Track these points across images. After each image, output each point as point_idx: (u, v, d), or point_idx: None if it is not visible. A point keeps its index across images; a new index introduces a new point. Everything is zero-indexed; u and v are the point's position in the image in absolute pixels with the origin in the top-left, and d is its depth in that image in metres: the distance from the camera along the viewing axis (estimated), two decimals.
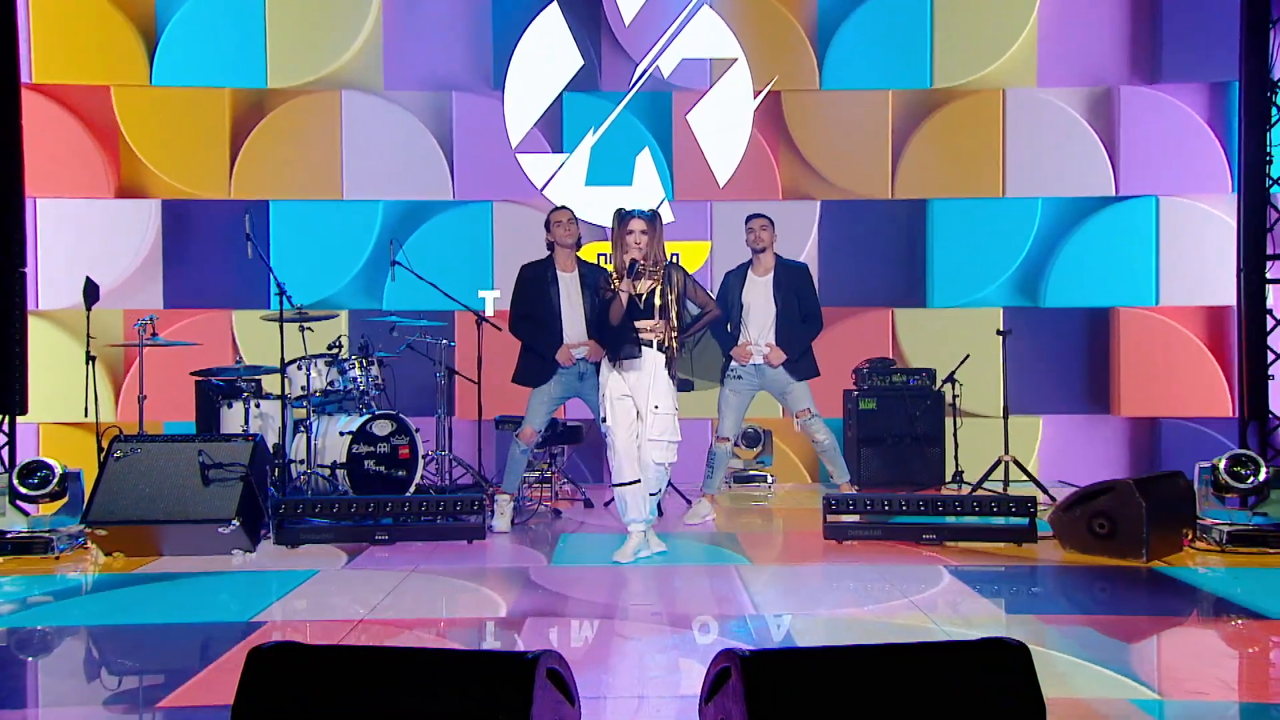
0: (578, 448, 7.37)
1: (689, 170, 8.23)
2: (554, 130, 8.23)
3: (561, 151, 8.22)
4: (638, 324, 5.00)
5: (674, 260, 5.14)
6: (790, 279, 6.14)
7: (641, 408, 5.01)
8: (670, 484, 6.70)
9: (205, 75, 8.10)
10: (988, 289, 8.16)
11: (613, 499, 5.96)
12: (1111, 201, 8.15)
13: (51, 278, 7.96)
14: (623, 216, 5.04)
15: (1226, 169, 8.01)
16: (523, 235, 7.72)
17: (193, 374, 6.79)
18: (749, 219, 6.21)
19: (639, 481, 5.07)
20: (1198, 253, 8.07)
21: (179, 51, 8.10)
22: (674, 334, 5.03)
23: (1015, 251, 8.18)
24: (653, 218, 5.05)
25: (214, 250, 7.97)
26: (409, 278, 6.90)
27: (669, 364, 5.01)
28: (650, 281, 5.02)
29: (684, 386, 5.56)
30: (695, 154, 8.23)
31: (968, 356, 7.48)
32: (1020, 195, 8.17)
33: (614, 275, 5.03)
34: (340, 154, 8.15)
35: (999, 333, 7.15)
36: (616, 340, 5.03)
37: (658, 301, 5.00)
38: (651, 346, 5.00)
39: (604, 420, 5.09)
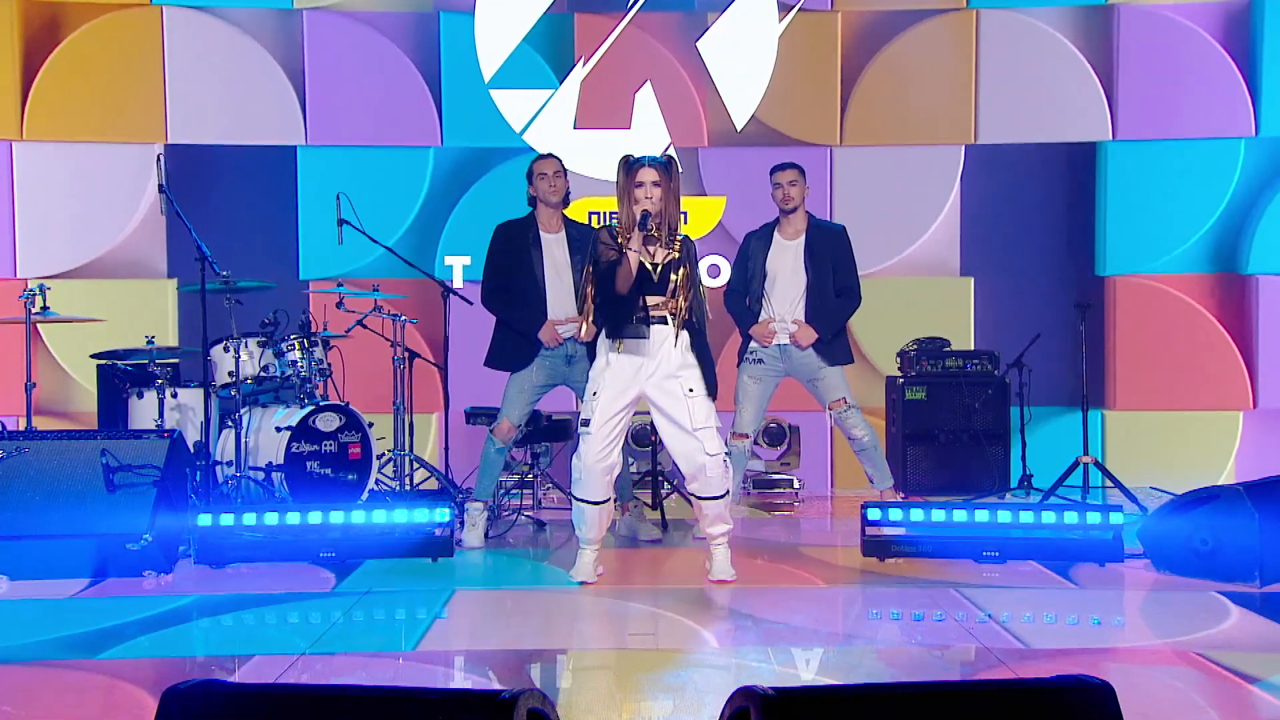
0: (565, 446, 7.33)
1: (700, 109, 8.18)
2: (536, 60, 8.17)
3: (545, 87, 8.17)
4: (650, 299, 4.92)
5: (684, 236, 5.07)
6: (825, 244, 6.09)
7: (659, 398, 4.96)
8: (675, 488, 6.69)
9: None
10: (1174, 252, 8.08)
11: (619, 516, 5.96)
12: None
13: None
14: (630, 165, 4.93)
15: (1250, 109, 7.98)
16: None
17: (94, 356, 6.75)
18: (775, 170, 6.16)
19: (608, 501, 5.05)
20: None
21: None
22: (691, 315, 4.97)
23: (1210, 206, 8.08)
24: (668, 165, 4.94)
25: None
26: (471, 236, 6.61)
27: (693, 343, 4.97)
28: (666, 251, 4.94)
29: None
30: (708, 90, 8.17)
31: (1038, 336, 7.45)
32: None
33: (620, 232, 4.95)
34: (163, 85, 8.01)
35: (1078, 306, 7.11)
36: (621, 314, 4.96)
37: (674, 277, 4.93)
38: (667, 324, 4.94)
39: (583, 423, 4.99)
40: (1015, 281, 8.18)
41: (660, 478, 6.76)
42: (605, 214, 7.80)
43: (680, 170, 5.01)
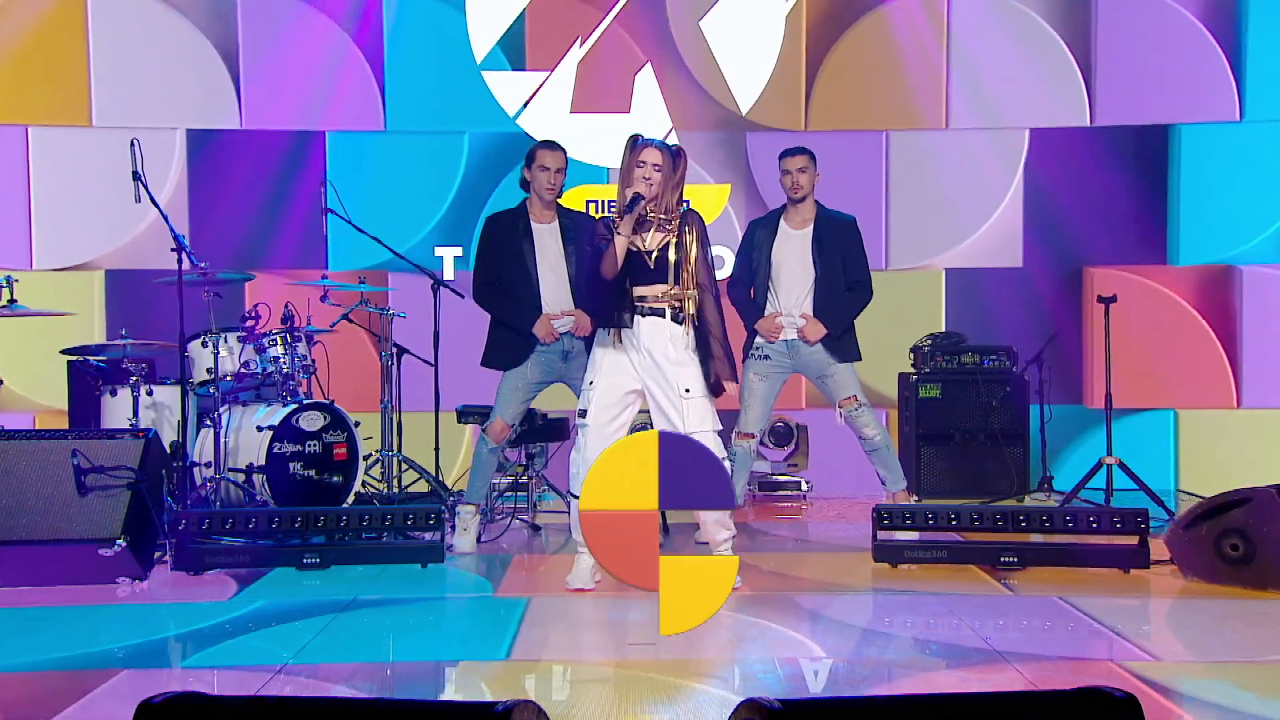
0: (562, 446, 7.33)
1: (703, 93, 8.17)
2: (531, 41, 8.16)
3: (539, 69, 8.16)
4: (641, 290, 4.94)
5: (687, 208, 5.09)
6: (835, 235, 6.09)
7: (656, 395, 4.97)
8: None
9: None
10: (1252, 241, 8.05)
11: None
12: None
13: None
14: (637, 143, 4.97)
15: (1235, 92, 7.97)
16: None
17: (64, 352, 6.75)
18: (783, 155, 6.16)
19: None
20: None
21: None
22: (698, 299, 4.98)
23: None
24: (676, 154, 4.99)
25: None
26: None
27: (704, 342, 4.97)
28: (661, 235, 4.97)
29: None
30: (711, 72, 8.16)
31: (1056, 333, 7.45)
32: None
33: (615, 216, 4.97)
34: (87, 65, 7.93)
35: (1100, 299, 7.11)
36: (606, 301, 4.98)
37: (671, 258, 4.95)
38: (663, 317, 4.95)
39: (580, 414, 5.02)
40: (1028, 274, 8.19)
41: None
42: (603, 202, 7.80)
43: (687, 162, 5.04)
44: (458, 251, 8.02)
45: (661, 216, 4.95)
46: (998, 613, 4.73)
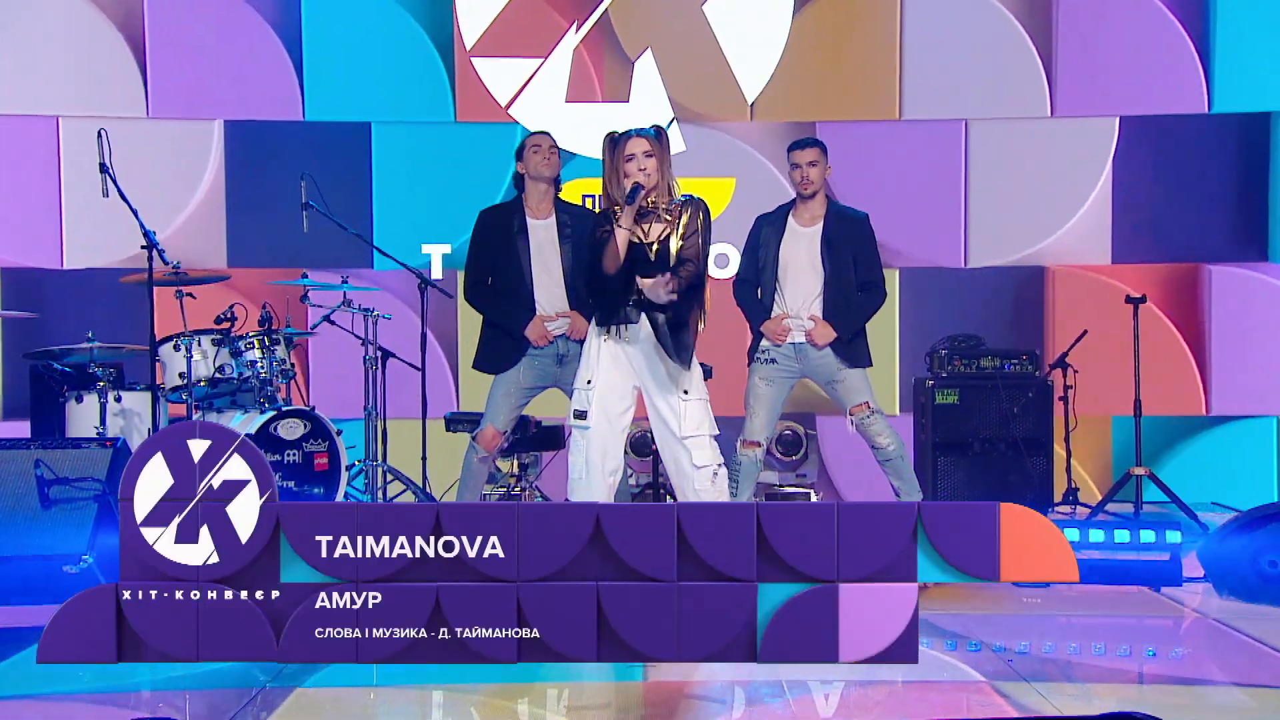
0: (557, 455, 7.33)
1: (706, 81, 8.17)
2: (524, 26, 8.16)
3: (533, 56, 8.16)
4: (640, 281, 4.92)
5: (691, 196, 5.07)
6: (846, 233, 6.07)
7: (653, 395, 4.97)
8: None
9: None
10: None
11: None
12: None
13: None
14: (616, 140, 4.96)
15: (1203, 83, 7.98)
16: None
17: (27, 355, 6.75)
18: (792, 148, 6.14)
19: None
20: None
21: None
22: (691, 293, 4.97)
23: None
24: (658, 135, 4.97)
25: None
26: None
27: (679, 334, 4.96)
28: (662, 225, 4.96)
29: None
30: (715, 58, 8.16)
31: (1085, 333, 7.44)
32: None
33: (614, 209, 4.96)
34: None
35: (1129, 299, 7.11)
36: (611, 298, 4.97)
37: (673, 248, 4.94)
38: (666, 310, 4.95)
39: (577, 415, 5.01)
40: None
41: (662, 490, 6.76)
42: (601, 197, 7.80)
43: (669, 141, 5.04)
44: (446, 249, 8.00)
45: (664, 206, 4.95)
46: (1019, 632, 4.73)
